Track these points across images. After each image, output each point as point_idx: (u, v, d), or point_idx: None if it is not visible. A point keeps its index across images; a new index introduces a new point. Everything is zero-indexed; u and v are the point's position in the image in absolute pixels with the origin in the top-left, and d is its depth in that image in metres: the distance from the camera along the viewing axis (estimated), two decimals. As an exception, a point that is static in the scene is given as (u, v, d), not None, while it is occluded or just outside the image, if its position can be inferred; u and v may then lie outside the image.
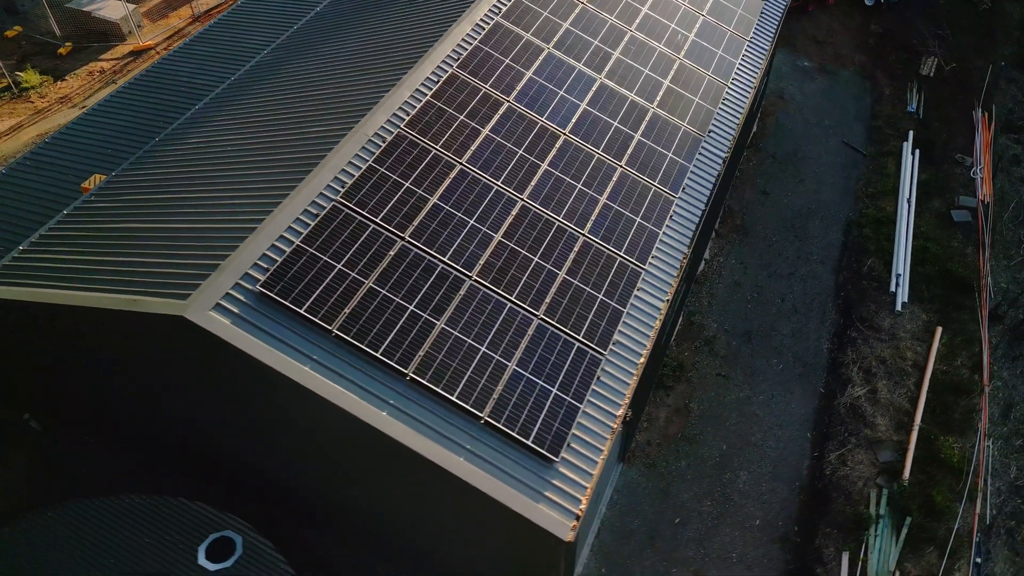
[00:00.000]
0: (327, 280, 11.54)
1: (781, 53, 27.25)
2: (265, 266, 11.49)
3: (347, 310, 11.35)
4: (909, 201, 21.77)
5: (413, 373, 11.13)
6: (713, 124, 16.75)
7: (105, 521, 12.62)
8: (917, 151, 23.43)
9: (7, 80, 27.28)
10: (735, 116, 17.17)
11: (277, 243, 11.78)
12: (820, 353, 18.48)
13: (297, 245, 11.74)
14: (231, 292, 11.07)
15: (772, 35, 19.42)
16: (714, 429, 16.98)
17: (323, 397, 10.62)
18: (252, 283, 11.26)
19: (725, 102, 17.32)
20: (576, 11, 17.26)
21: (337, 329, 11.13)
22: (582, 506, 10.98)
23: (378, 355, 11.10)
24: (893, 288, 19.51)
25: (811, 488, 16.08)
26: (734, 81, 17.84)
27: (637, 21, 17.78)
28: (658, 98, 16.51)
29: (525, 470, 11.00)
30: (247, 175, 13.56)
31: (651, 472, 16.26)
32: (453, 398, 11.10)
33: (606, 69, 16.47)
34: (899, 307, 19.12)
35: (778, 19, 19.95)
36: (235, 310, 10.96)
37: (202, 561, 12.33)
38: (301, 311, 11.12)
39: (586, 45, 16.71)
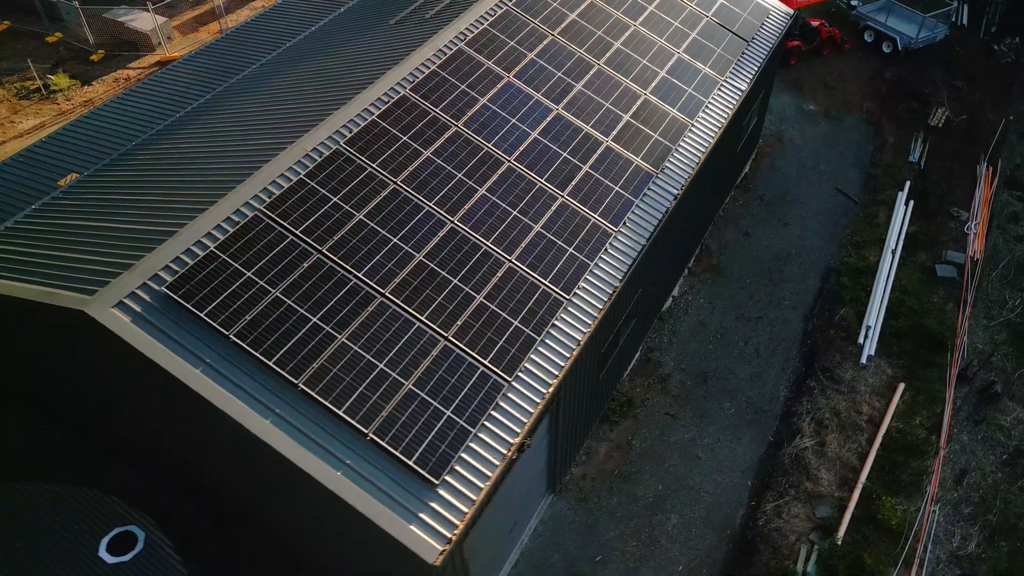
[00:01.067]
0: (233, 287, 11.82)
1: (787, 96, 26.99)
2: (176, 269, 11.84)
3: (248, 317, 11.60)
4: (894, 252, 21.17)
5: (304, 384, 11.30)
6: (669, 161, 16.64)
7: (18, 506, 13.03)
8: (911, 202, 22.81)
9: (39, 82, 28.78)
10: (695, 155, 17.03)
11: (193, 247, 12.13)
12: (776, 400, 18.02)
13: (211, 251, 12.07)
14: (137, 292, 11.43)
15: (751, 77, 19.24)
16: (653, 468, 16.67)
17: (208, 400, 10.86)
18: (160, 284, 11.63)
19: (686, 140, 17.20)
20: (544, 42, 17.44)
21: (234, 335, 11.39)
22: (456, 531, 10.91)
23: (270, 363, 11.30)
24: (861, 340, 18.94)
25: (741, 538, 15.61)
26: (700, 120, 17.72)
27: (607, 55, 17.86)
28: (614, 132, 16.51)
29: (403, 490, 11.00)
30: (187, 181, 14.03)
31: (581, 506, 16.02)
32: (340, 412, 11.21)
33: (565, 100, 16.56)
34: (864, 360, 18.54)
35: (760, 61, 19.76)
36: (137, 309, 11.31)
37: (102, 553, 12.61)
38: (201, 315, 11.42)
39: (548, 76, 16.85)
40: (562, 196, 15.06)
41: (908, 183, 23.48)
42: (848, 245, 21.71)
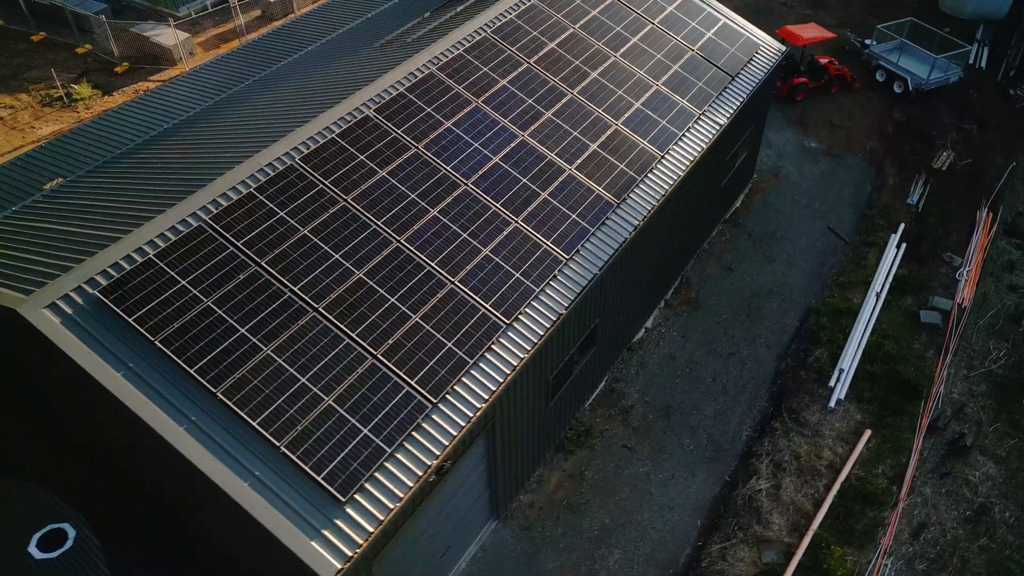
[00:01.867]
0: (166, 294, 12.08)
1: (789, 132, 26.71)
2: (113, 274, 12.16)
3: (176, 324, 11.83)
4: (878, 294, 20.66)
5: (222, 393, 11.45)
6: (634, 192, 16.57)
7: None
8: (904, 245, 22.28)
9: (62, 91, 29.95)
10: (662, 187, 16.92)
11: (133, 254, 12.45)
12: (737, 439, 17.63)
13: (149, 258, 12.37)
14: (71, 294, 11.76)
15: (731, 111, 19.09)
16: (602, 501, 16.41)
17: (124, 404, 11.08)
18: (94, 288, 11.94)
19: (655, 172, 17.11)
20: (519, 70, 17.59)
21: (159, 341, 11.62)
22: (358, 550, 10.88)
23: (191, 371, 11.49)
24: (832, 383, 18.47)
25: (683, 578, 15.26)
26: (672, 153, 17.63)
27: (582, 85, 17.92)
28: (579, 161, 16.52)
29: (309, 505, 11.04)
30: (147, 190, 14.43)
31: (524, 535, 15.84)
32: (254, 423, 11.33)
33: (532, 128, 16.65)
34: (833, 403, 18.06)
35: (743, 96, 19.62)
36: (69, 311, 11.62)
37: (31, 548, 12.87)
38: (130, 320, 11.69)
39: (519, 103, 16.97)
40: (516, 221, 15.09)
41: (903, 225, 22.95)
42: (832, 285, 21.26)
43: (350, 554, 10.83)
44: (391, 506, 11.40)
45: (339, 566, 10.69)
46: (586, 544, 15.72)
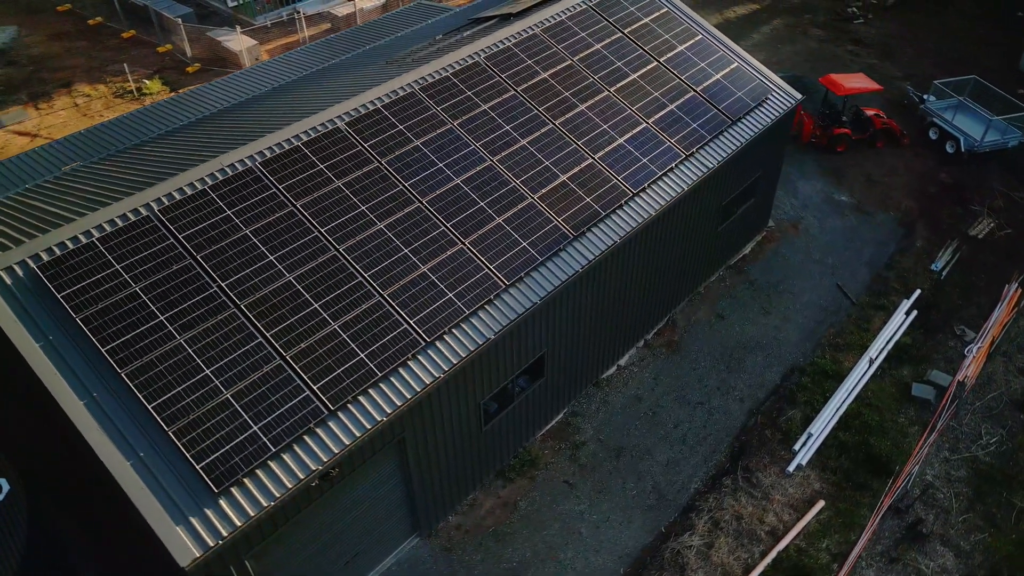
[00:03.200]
0: (98, 276, 12.88)
1: (820, 182, 25.76)
2: (57, 252, 13.07)
3: (99, 305, 12.59)
4: (872, 360, 19.54)
5: (126, 374, 12.09)
6: (596, 227, 16.42)
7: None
8: (915, 312, 21.01)
9: (133, 85, 32.28)
10: (626, 225, 16.67)
11: (80, 235, 13.33)
12: (684, 491, 17.02)
13: (92, 241, 13.22)
14: (14, 267, 12.70)
15: (723, 157, 18.62)
16: (529, 534, 16.18)
17: (36, 374, 11.85)
18: (36, 263, 12.86)
19: (623, 210, 16.90)
20: (503, 96, 17.79)
21: (80, 318, 12.39)
22: (221, 542, 11.21)
23: (103, 349, 12.20)
24: (797, 447, 17.57)
25: (589, 624, 14.82)
26: (647, 192, 17.36)
27: (567, 116, 17.93)
28: (544, 190, 16.52)
29: (183, 491, 11.47)
30: (122, 179, 15.44)
31: (443, 556, 15.80)
32: (149, 406, 11.89)
33: (503, 154, 16.79)
34: (792, 468, 17.17)
35: (741, 142, 19.09)
36: (8, 281, 12.55)
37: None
38: (59, 296, 12.53)
39: (495, 128, 17.16)
40: (461, 243, 15.24)
41: (918, 291, 21.65)
42: (826, 346, 20.26)
43: (211, 544, 11.17)
44: (264, 504, 11.69)
45: (197, 554, 11.05)
46: (501, 574, 15.53)
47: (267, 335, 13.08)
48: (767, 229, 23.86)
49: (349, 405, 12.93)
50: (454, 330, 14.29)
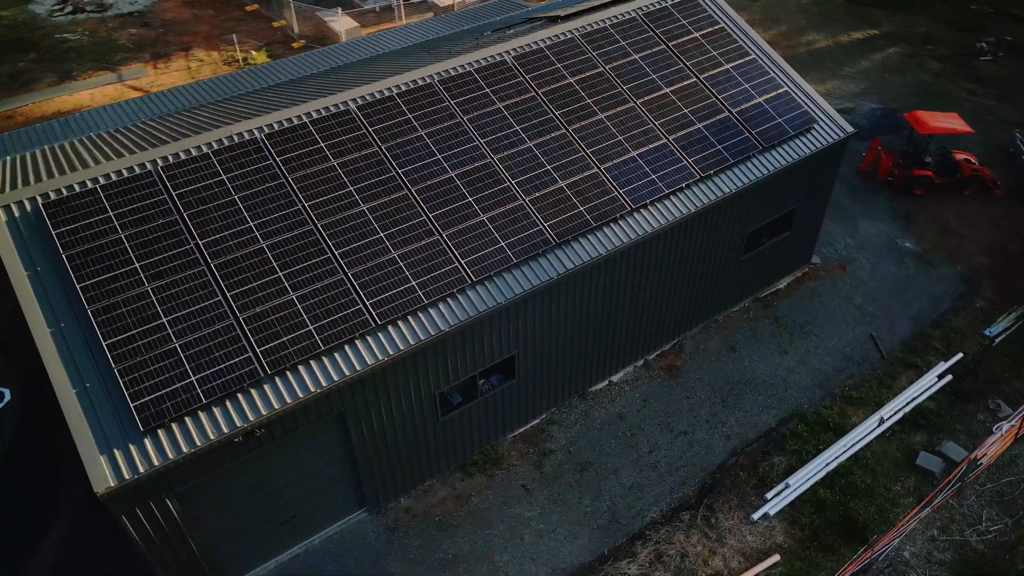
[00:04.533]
0: (91, 220, 14.14)
1: (886, 224, 24.12)
2: (64, 193, 14.46)
3: (85, 246, 13.84)
4: (883, 419, 18.17)
5: (91, 310, 13.24)
6: (583, 238, 16.22)
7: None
8: (949, 376, 19.31)
9: (242, 55, 34.62)
10: (615, 240, 16.36)
11: (88, 181, 14.68)
12: (640, 518, 16.56)
13: (96, 187, 14.50)
14: (24, 201, 14.20)
15: (743, 184, 17.83)
16: (473, 530, 16.30)
17: (17, 296, 13.22)
18: (44, 200, 14.30)
19: (615, 224, 16.59)
20: (522, 97, 17.84)
21: (66, 255, 13.68)
22: (136, 477, 12.11)
23: (78, 286, 13.42)
24: (769, 495, 16.66)
25: (502, 629, 14.77)
26: (646, 209, 16.93)
27: (582, 123, 17.74)
28: (538, 193, 16.49)
29: (114, 424, 12.48)
30: (152, 138, 16.81)
31: (385, 535, 16.22)
32: (104, 342, 12.99)
33: (505, 153, 16.89)
34: (758, 516, 16.30)
35: (767, 172, 18.19)
36: (16, 214, 14.05)
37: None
38: (53, 233, 13.88)
39: (504, 127, 17.27)
40: (439, 233, 15.52)
41: (960, 355, 19.85)
42: (838, 396, 19.00)
43: (127, 477, 12.11)
44: (184, 450, 12.52)
45: (112, 484, 12.01)
46: (434, 563, 15.76)
47: (227, 295, 13.92)
48: (810, 266, 22.58)
49: (287, 372, 13.56)
50: (409, 317, 14.63)
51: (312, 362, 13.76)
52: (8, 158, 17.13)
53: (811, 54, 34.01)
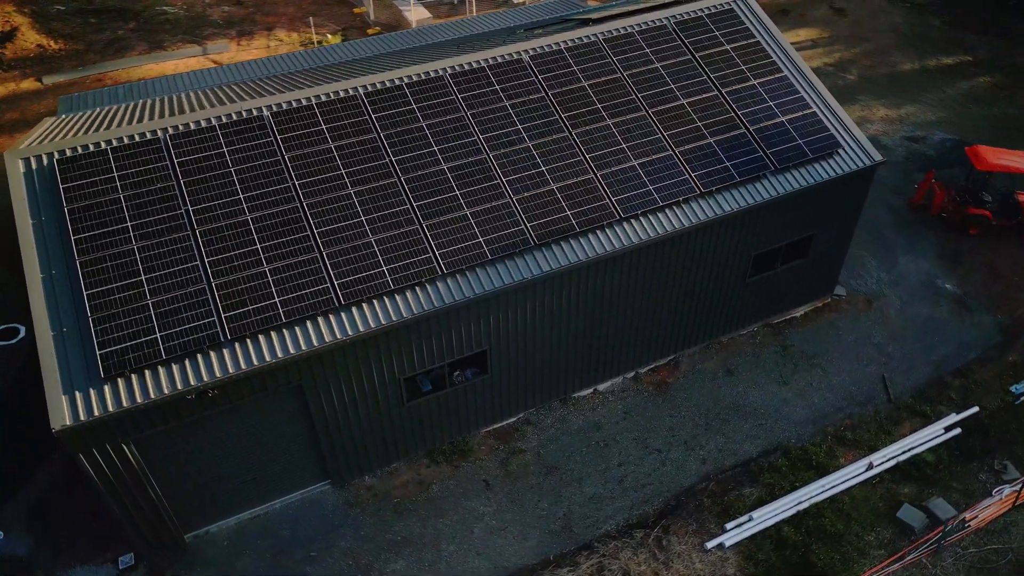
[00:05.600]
0: (96, 178, 15.20)
1: (928, 262, 22.80)
2: (79, 151, 15.62)
3: (87, 202, 14.91)
4: (871, 465, 17.23)
5: (80, 260, 14.27)
6: (565, 243, 16.16)
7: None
8: (958, 430, 18.09)
9: (317, 38, 36.01)
10: (601, 247, 16.20)
11: (102, 143, 15.75)
12: (593, 529, 16.40)
13: (108, 148, 15.58)
14: (42, 155, 15.44)
15: (745, 206, 17.25)
16: (427, 516, 16.59)
17: (22, 244, 14.42)
18: (61, 156, 15.49)
19: (602, 232, 16.42)
20: (530, 96, 17.87)
21: (68, 208, 14.79)
22: (91, 418, 13.02)
23: (72, 238, 14.49)
24: (730, 525, 16.13)
25: (431, 616, 14.99)
26: (636, 220, 16.66)
27: (586, 127, 17.59)
28: (526, 194, 16.53)
29: (80, 367, 13.45)
30: (192, 103, 17.92)
31: (343, 508, 16.73)
32: (84, 292, 13.98)
33: (501, 151, 16.99)
34: (712, 545, 15.82)
35: (774, 195, 17.51)
36: (34, 166, 15.30)
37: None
38: (61, 187, 15.04)
39: (506, 125, 17.35)
40: (418, 223, 15.83)
41: (976, 409, 18.54)
42: (830, 435, 18.14)
43: (83, 419, 13.05)
44: (139, 400, 13.36)
45: (68, 423, 12.97)
46: (383, 542, 16.16)
47: (205, 261, 14.72)
48: (833, 297, 21.57)
49: (247, 339, 14.22)
50: (375, 300, 15.02)
51: (272, 333, 14.38)
52: (72, 114, 18.73)
53: (892, 77, 32.27)
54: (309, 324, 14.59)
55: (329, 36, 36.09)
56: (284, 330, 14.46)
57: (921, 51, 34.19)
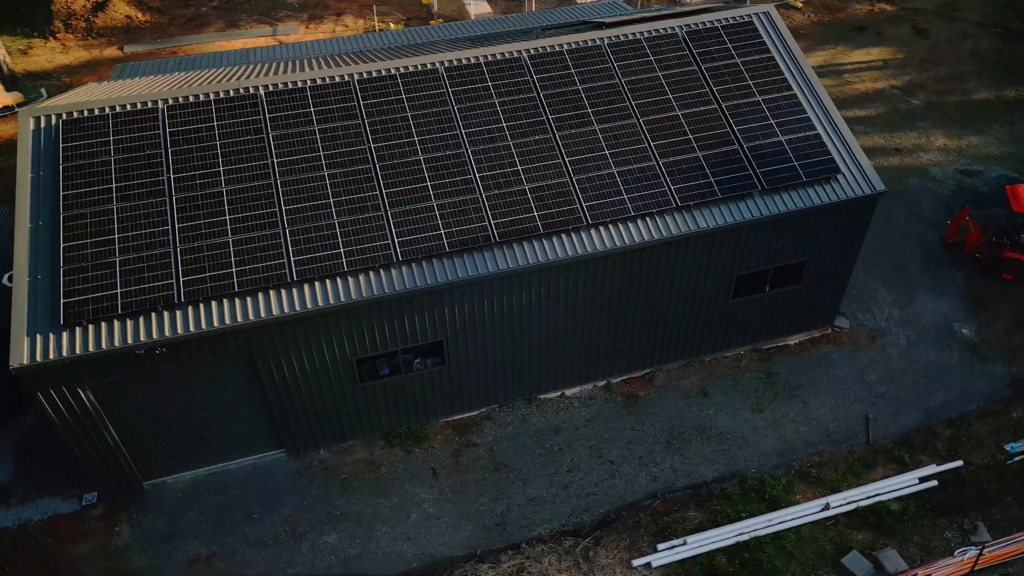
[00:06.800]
0: (93, 140, 16.30)
1: (947, 304, 21.55)
2: (85, 114, 16.77)
3: (80, 161, 16.03)
4: (829, 506, 16.46)
5: (63, 215, 15.39)
6: (526, 243, 16.17)
7: None
8: (934, 482, 17.03)
9: (380, 26, 36.97)
10: (563, 251, 16.11)
11: (107, 108, 16.90)
12: (526, 530, 16.37)
13: (106, 113, 16.71)
14: (52, 115, 16.66)
15: (723, 222, 16.75)
16: (370, 496, 17.01)
17: (18, 194, 15.68)
18: (68, 117, 16.70)
19: (567, 236, 16.33)
20: (521, 95, 17.90)
21: (62, 167, 15.95)
22: (46, 361, 14.08)
23: (60, 193, 15.63)
24: (662, 546, 15.76)
25: (348, 591, 15.39)
26: (605, 228, 16.47)
27: (572, 131, 17.49)
28: (497, 191, 16.62)
29: (46, 313, 14.56)
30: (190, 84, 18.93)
31: (293, 477, 17.36)
32: (62, 244, 15.07)
33: (482, 147, 17.14)
34: (638, 564, 15.52)
35: (756, 215, 16.89)
36: (43, 124, 16.56)
37: (4, 280, 18.66)
38: (61, 146, 16.22)
39: (492, 121, 17.46)
40: (384, 210, 16.21)
41: (960, 463, 17.37)
42: (794, 470, 17.40)
43: (39, 360, 14.12)
44: (91, 350, 14.33)
45: (24, 361, 14.07)
46: (322, 514, 16.68)
47: (176, 227, 15.58)
48: (833, 328, 20.62)
49: (200, 304, 14.98)
50: (327, 280, 15.51)
51: (225, 300, 15.09)
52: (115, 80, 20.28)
53: (962, 105, 30.34)
54: (260, 296, 15.22)
55: (391, 25, 37.04)
56: (236, 299, 15.15)
57: (1000, 81, 31.95)
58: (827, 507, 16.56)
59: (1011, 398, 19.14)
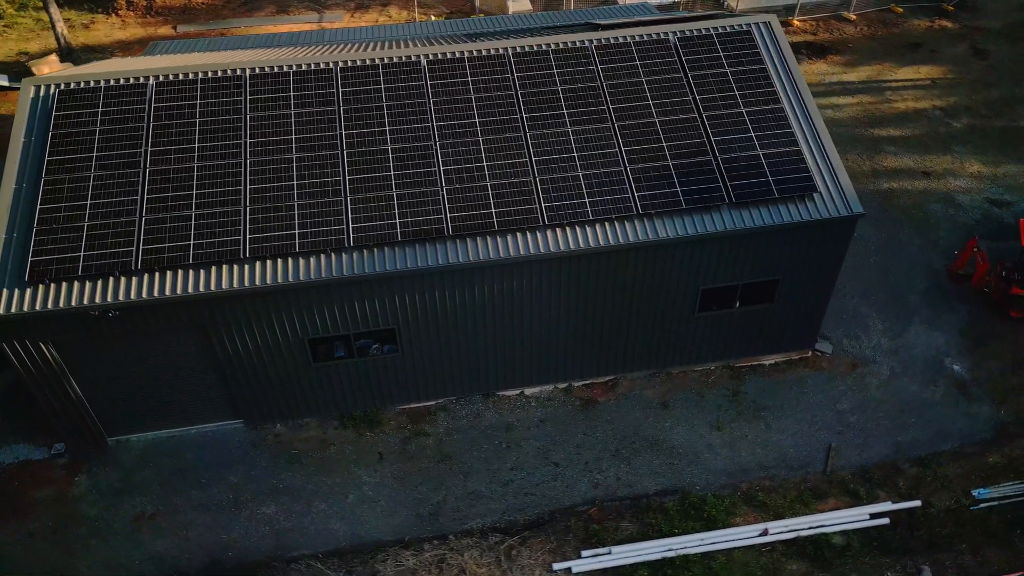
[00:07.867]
0: (83, 110, 17.20)
1: (943, 337, 20.60)
2: (80, 86, 17.71)
3: (68, 130, 16.95)
4: (767, 531, 15.99)
5: (44, 179, 16.32)
6: (480, 239, 16.25)
7: None
8: (886, 520, 16.32)
9: (420, 16, 37.48)
10: (516, 249, 16.13)
11: (102, 81, 17.81)
12: (458, 523, 16.53)
13: (99, 86, 17.60)
14: (51, 85, 17.66)
15: (686, 233, 16.41)
16: (314, 473, 17.46)
17: (9, 156, 16.72)
18: (65, 88, 17.66)
19: (521, 235, 16.34)
20: (499, 92, 17.95)
21: (51, 134, 16.90)
22: (9, 314, 15.01)
23: (46, 158, 16.58)
24: (586, 554, 15.61)
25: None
26: (560, 230, 16.39)
27: (542, 131, 17.44)
28: (458, 186, 16.75)
29: (15, 270, 15.49)
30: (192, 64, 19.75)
31: (247, 449, 17.96)
32: (38, 207, 16.01)
33: (449, 141, 17.27)
34: (560, 568, 15.42)
35: (720, 227, 16.46)
36: (41, 93, 17.57)
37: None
38: (54, 114, 17.19)
39: (464, 116, 17.58)
40: (343, 196, 16.57)
41: (918, 503, 16.57)
42: (741, 492, 16.93)
43: (2, 312, 15.07)
44: (49, 307, 15.18)
45: (-11, 318, 15.07)
46: (266, 486, 17.21)
47: (144, 197, 16.33)
48: (814, 352, 19.91)
49: (156, 272, 15.67)
50: (279, 259, 15.96)
51: (179, 271, 15.72)
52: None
53: (1007, 131, 28.69)
54: (213, 269, 15.81)
55: (432, 17, 37.52)
56: (190, 270, 15.77)
57: (1054, 108, 30.08)
58: (765, 532, 16.10)
59: (990, 441, 18.11)
